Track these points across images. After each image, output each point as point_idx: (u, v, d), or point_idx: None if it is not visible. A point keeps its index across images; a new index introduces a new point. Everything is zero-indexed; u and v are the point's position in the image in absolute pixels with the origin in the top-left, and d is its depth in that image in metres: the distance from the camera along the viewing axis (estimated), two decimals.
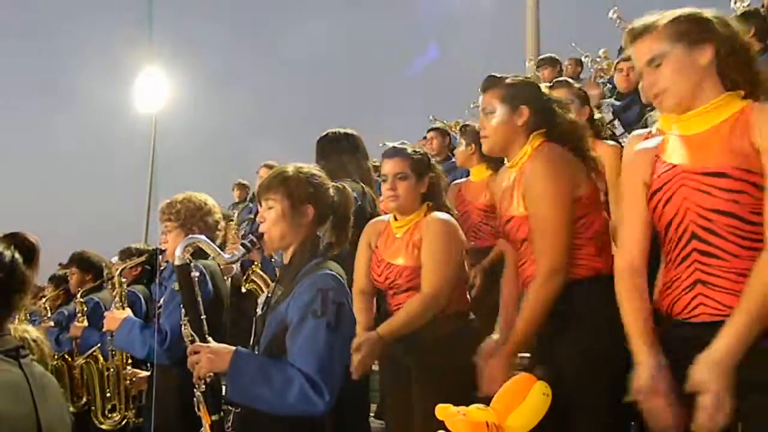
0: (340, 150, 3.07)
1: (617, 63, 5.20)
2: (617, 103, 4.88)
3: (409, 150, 2.57)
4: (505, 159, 2.17)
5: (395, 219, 2.56)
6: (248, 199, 7.05)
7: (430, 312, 2.38)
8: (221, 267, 2.91)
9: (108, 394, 3.34)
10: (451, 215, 2.53)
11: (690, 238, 1.57)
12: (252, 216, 4.20)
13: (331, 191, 1.94)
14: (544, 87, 2.23)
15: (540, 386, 1.76)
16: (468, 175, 3.86)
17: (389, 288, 2.52)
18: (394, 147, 2.61)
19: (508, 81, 2.13)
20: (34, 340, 2.07)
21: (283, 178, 1.89)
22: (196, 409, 1.81)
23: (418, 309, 2.38)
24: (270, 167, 3.89)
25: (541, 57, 6.60)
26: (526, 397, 1.74)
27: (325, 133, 3.19)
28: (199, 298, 1.81)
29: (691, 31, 1.57)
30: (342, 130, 3.17)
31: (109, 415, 3.33)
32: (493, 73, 2.16)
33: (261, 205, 1.93)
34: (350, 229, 2.01)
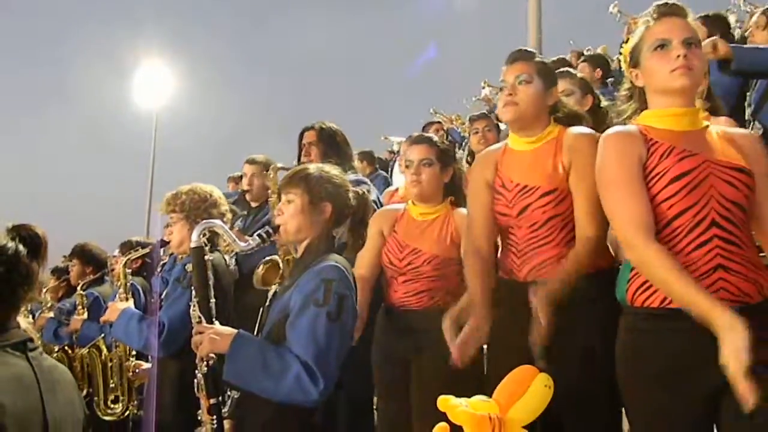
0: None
1: (580, 62, 5.29)
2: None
3: (435, 138, 2.60)
4: (512, 133, 2.16)
5: (414, 205, 2.58)
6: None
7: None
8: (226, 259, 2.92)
9: (111, 385, 3.36)
10: None
11: (710, 225, 1.60)
12: (245, 212, 4.20)
13: (351, 194, 1.98)
14: None
15: (542, 378, 1.76)
16: None
17: (404, 274, 2.51)
18: (422, 134, 2.64)
19: (540, 59, 2.16)
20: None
21: (305, 175, 1.95)
22: (195, 391, 1.83)
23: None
24: (251, 162, 3.89)
25: (552, 60, 6.65)
26: (528, 390, 1.74)
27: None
28: (210, 282, 1.86)
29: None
30: (323, 126, 3.25)
31: (112, 406, 3.34)
32: (523, 47, 2.17)
33: (280, 199, 1.97)
34: (366, 234, 2.05)
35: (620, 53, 1.93)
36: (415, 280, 2.49)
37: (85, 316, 3.74)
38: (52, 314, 4.15)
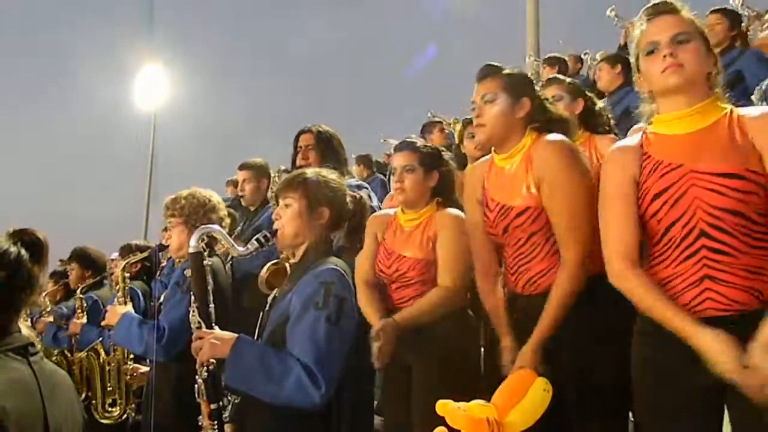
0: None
1: (597, 64, 5.29)
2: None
3: (418, 143, 2.60)
4: (493, 150, 2.16)
5: (403, 212, 2.58)
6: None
7: (447, 307, 2.40)
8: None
9: (109, 388, 3.35)
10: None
11: (698, 236, 1.59)
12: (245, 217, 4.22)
13: (348, 198, 2.00)
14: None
15: (541, 383, 1.77)
16: None
17: (395, 281, 2.52)
18: (404, 141, 2.63)
19: (507, 71, 2.14)
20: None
21: (303, 179, 1.96)
22: (196, 396, 1.84)
23: (436, 301, 2.39)
24: (242, 167, 3.91)
25: (547, 56, 6.64)
26: (527, 394, 1.75)
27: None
28: (210, 287, 1.87)
29: (705, 34, 1.69)
30: (320, 130, 3.28)
31: (110, 410, 3.33)
32: (490, 62, 2.14)
33: (278, 204, 1.98)
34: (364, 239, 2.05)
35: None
36: (406, 286, 2.50)
37: (85, 319, 3.74)
38: (51, 318, 4.15)
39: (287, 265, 2.92)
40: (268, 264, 3.01)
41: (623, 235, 1.68)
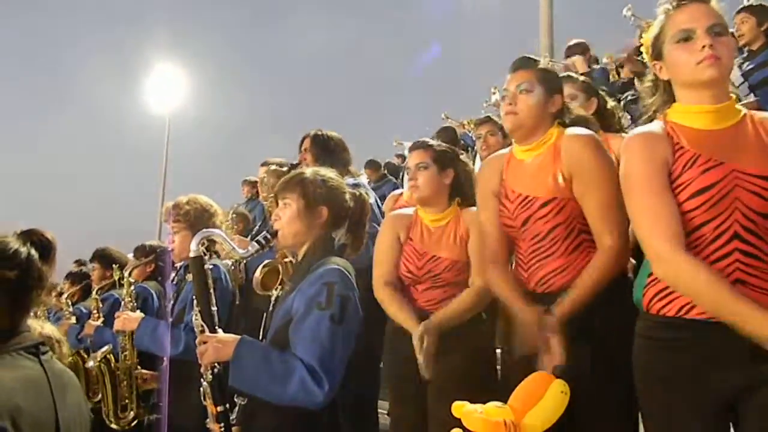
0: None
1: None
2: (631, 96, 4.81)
3: (432, 143, 2.62)
4: (514, 142, 2.15)
5: (425, 212, 2.57)
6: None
7: (480, 307, 2.38)
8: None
9: (119, 395, 3.31)
10: None
11: (731, 238, 1.53)
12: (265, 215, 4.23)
13: (348, 196, 1.99)
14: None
15: (558, 385, 1.73)
16: None
17: (422, 282, 2.49)
18: (418, 140, 2.66)
19: (543, 66, 2.16)
20: (49, 338, 2.06)
21: (301, 179, 1.96)
22: (202, 399, 1.84)
23: (470, 302, 2.37)
24: (265, 165, 3.93)
25: (570, 44, 6.34)
26: (544, 396, 1.72)
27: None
28: (212, 290, 1.86)
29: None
30: (318, 133, 3.39)
31: (122, 415, 3.30)
32: (527, 55, 2.17)
33: (278, 204, 1.97)
34: (366, 235, 2.04)
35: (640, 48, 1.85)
36: (435, 287, 2.47)
37: (100, 321, 3.73)
38: (73, 320, 4.17)
39: (279, 265, 2.93)
40: (261, 265, 3.03)
41: (665, 217, 1.53)
